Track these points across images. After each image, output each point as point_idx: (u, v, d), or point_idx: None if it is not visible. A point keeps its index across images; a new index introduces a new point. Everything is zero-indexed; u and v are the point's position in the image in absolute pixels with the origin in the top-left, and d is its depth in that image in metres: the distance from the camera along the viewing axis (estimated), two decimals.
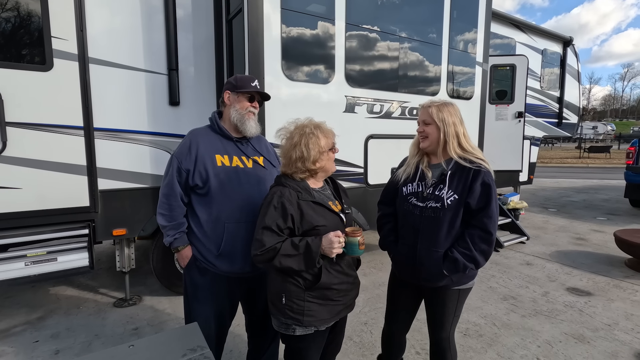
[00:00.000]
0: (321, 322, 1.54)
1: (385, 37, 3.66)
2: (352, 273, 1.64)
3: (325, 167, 1.59)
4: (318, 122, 1.60)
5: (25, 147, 2.59)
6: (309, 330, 1.54)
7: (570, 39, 7.56)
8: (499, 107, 5.67)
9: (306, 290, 1.50)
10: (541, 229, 6.08)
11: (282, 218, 1.46)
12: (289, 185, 1.52)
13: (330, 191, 1.69)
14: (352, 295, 1.66)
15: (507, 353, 2.57)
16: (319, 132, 1.54)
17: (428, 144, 1.70)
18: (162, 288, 3.51)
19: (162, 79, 3.08)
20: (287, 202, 1.46)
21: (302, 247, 1.44)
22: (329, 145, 1.57)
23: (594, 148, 22.76)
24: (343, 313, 1.64)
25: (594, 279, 3.91)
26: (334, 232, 1.46)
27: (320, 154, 1.53)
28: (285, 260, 1.43)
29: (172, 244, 1.80)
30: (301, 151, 1.51)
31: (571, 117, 7.99)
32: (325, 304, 1.54)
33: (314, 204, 1.52)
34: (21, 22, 2.56)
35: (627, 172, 7.38)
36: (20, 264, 2.64)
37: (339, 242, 1.45)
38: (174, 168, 1.75)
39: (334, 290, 1.54)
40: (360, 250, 1.49)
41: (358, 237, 1.48)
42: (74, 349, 2.63)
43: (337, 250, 1.45)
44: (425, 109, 1.70)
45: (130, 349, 1.19)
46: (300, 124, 1.58)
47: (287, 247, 1.44)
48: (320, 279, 1.49)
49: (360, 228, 1.53)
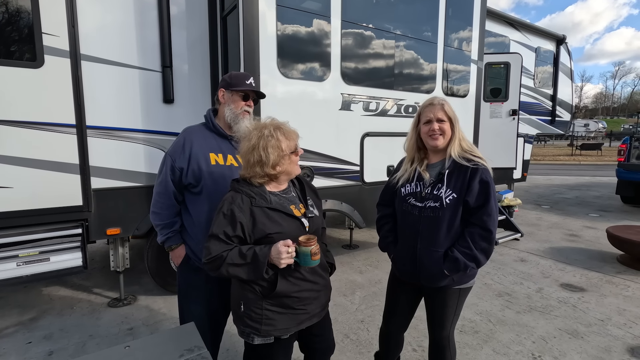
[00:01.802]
0: (281, 332, 1.45)
1: (381, 34, 3.65)
2: (317, 280, 1.52)
3: (287, 171, 1.49)
4: (280, 122, 1.50)
5: (16, 146, 2.54)
6: (268, 340, 1.45)
7: (563, 37, 7.62)
8: (493, 105, 5.70)
9: (264, 298, 1.42)
10: (535, 225, 6.13)
11: (230, 226, 1.38)
12: (242, 191, 1.43)
13: (295, 193, 1.59)
14: (319, 304, 1.55)
15: (502, 349, 2.59)
16: (279, 134, 1.43)
17: (443, 141, 1.64)
18: (157, 287, 3.48)
19: (156, 76, 3.04)
20: (237, 209, 1.38)
21: (249, 257, 1.35)
22: (291, 148, 1.47)
23: (586, 145, 23.05)
24: (307, 322, 1.52)
25: (587, 275, 3.96)
26: (283, 242, 1.34)
27: (281, 158, 1.44)
28: (232, 269, 1.36)
29: (165, 242, 1.79)
30: (259, 155, 1.41)
31: (564, 114, 8.07)
32: (285, 312, 1.45)
33: (269, 210, 1.43)
34: (11, 17, 2.50)
35: (618, 169, 7.48)
36: (12, 264, 2.60)
37: (287, 252, 1.33)
38: (167, 166, 1.73)
39: (294, 298, 1.45)
40: (313, 261, 1.37)
41: (310, 246, 1.35)
42: (68, 350, 2.60)
43: (285, 261, 1.34)
44: (439, 106, 1.63)
45: (126, 350, 1.18)
46: (259, 124, 1.49)
47: (233, 256, 1.36)
48: (276, 287, 1.40)
49: (314, 237, 1.38)
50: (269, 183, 1.50)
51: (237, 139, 1.75)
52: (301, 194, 1.62)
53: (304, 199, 1.60)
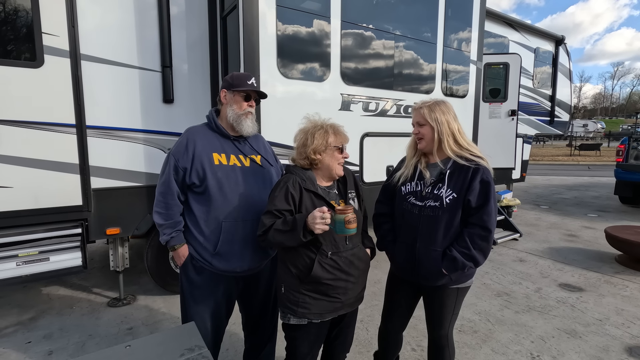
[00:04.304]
0: (314, 316, 1.58)
1: (381, 35, 3.66)
2: (352, 272, 1.62)
3: (327, 164, 1.62)
4: (337, 124, 1.67)
5: (16, 145, 2.54)
6: (302, 322, 1.60)
7: (562, 37, 7.64)
8: (492, 105, 5.71)
9: (300, 282, 1.56)
10: (533, 225, 6.15)
11: (284, 201, 1.54)
12: (295, 173, 1.60)
13: (337, 192, 1.70)
14: (353, 295, 1.65)
15: (501, 349, 2.60)
16: (330, 129, 1.62)
17: (425, 145, 1.71)
18: (157, 287, 3.49)
19: (156, 76, 3.05)
20: (291, 187, 1.55)
21: (289, 223, 1.48)
22: (337, 144, 1.61)
23: (585, 146, 23.08)
24: (341, 311, 1.64)
25: (586, 275, 3.97)
26: (319, 208, 1.45)
27: (325, 147, 1.59)
28: (277, 236, 1.50)
29: (169, 242, 1.78)
30: (306, 138, 1.60)
31: (563, 115, 8.09)
32: (321, 298, 1.57)
33: (314, 195, 1.57)
34: (11, 17, 2.50)
35: (617, 170, 7.50)
36: (11, 264, 2.60)
37: (321, 217, 1.42)
38: (170, 166, 1.73)
39: (328, 285, 1.55)
40: (347, 230, 1.42)
41: (345, 214, 1.41)
42: (68, 350, 2.60)
43: (320, 227, 1.42)
44: (417, 111, 1.71)
45: (127, 350, 1.18)
46: (320, 120, 1.66)
47: (279, 224, 1.51)
48: (311, 271, 1.52)
49: (351, 206, 1.47)
50: (314, 172, 1.64)
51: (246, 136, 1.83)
52: (344, 188, 1.73)
53: (345, 193, 1.71)
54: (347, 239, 1.58)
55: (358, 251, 1.66)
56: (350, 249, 1.61)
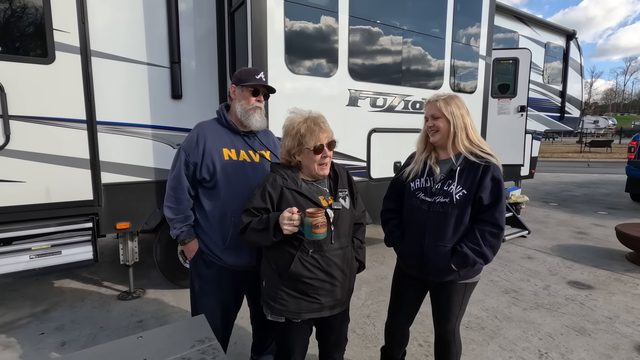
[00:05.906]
0: (291, 314, 1.53)
1: (389, 30, 3.64)
2: (335, 274, 1.54)
3: (306, 165, 1.55)
4: (317, 120, 1.53)
5: (28, 141, 2.59)
6: (279, 319, 1.56)
7: (573, 32, 7.50)
8: (501, 101, 5.65)
9: (280, 277, 1.53)
10: (542, 223, 6.09)
11: (260, 199, 1.51)
12: (277, 171, 1.57)
13: (328, 185, 1.63)
14: (334, 298, 1.57)
15: (509, 345, 2.59)
16: (305, 129, 1.49)
17: (439, 138, 1.68)
18: (165, 281, 3.53)
19: (165, 72, 3.07)
20: (269, 186, 1.52)
21: (264, 221, 1.46)
22: (310, 145, 1.48)
23: (595, 142, 22.72)
24: (323, 313, 1.56)
25: (595, 272, 3.93)
26: (289, 209, 1.41)
27: (299, 150, 1.51)
28: (254, 235, 1.49)
29: (179, 236, 1.81)
30: (284, 137, 1.56)
31: (573, 111, 7.96)
32: (299, 297, 1.52)
33: (297, 193, 1.52)
34: (23, 14, 2.54)
35: (628, 167, 7.37)
36: (25, 257, 2.66)
37: (289, 218, 1.38)
38: (181, 161, 1.75)
39: (307, 284, 1.50)
40: (315, 234, 1.36)
41: (314, 218, 1.35)
42: (80, 341, 2.66)
43: (288, 227, 1.39)
44: (433, 103, 1.69)
45: (139, 340, 1.21)
46: (299, 116, 1.55)
47: (255, 222, 1.49)
48: (290, 267, 1.49)
49: (322, 210, 1.39)
50: (302, 170, 1.58)
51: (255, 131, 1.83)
52: (334, 185, 1.65)
53: (335, 191, 1.63)
54: (332, 238, 1.51)
55: (345, 253, 1.59)
56: (335, 249, 1.54)
